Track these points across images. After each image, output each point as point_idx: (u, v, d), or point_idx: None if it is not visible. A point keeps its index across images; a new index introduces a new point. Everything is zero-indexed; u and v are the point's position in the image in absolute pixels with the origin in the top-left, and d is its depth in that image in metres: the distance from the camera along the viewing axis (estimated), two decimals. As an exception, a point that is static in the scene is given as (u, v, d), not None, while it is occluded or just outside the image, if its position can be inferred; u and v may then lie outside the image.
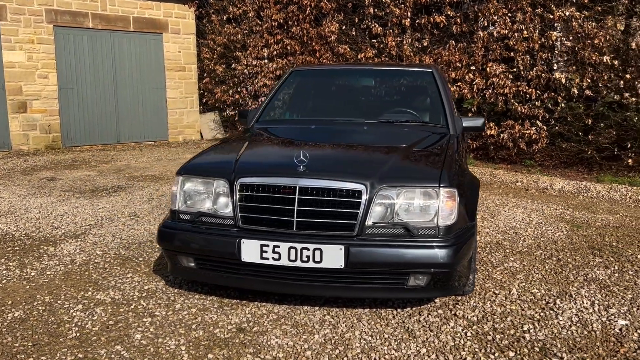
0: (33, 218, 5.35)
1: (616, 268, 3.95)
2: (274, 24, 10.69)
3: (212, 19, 12.10)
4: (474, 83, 8.08)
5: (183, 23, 12.14)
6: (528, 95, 7.70)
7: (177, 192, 3.23)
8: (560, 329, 3.00)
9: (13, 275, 3.83)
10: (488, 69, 7.92)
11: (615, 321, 3.10)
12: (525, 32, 7.57)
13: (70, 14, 10.70)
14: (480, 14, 8.05)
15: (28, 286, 3.64)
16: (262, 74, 11.03)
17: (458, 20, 8.28)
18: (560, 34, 7.27)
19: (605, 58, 6.93)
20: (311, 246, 2.86)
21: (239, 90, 11.70)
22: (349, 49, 9.58)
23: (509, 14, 7.75)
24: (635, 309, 3.26)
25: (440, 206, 2.91)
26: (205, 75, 12.54)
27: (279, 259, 2.90)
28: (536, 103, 7.68)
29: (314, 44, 10.09)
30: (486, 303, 3.34)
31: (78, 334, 2.97)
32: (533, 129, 7.69)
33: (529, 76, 7.65)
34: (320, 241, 2.87)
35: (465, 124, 4.15)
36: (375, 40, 9.32)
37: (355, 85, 4.74)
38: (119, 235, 4.78)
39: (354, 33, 9.60)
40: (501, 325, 3.05)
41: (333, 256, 2.85)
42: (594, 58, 7.03)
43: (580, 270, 3.92)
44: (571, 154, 7.82)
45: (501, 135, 7.96)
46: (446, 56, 8.30)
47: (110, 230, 4.93)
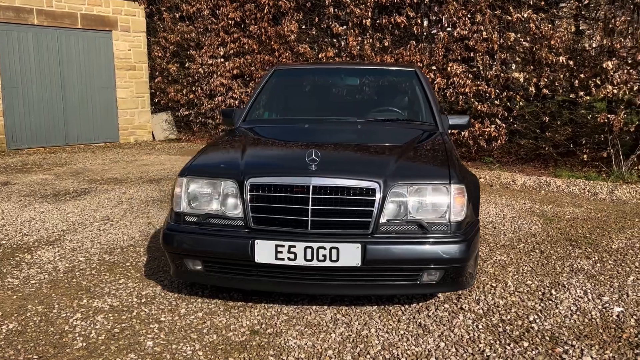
0: (-2, 225, 5.07)
1: (596, 258, 4.15)
2: (230, 22, 10.56)
3: (164, 17, 11.81)
4: (435, 82, 8.27)
5: (133, 20, 11.80)
6: (487, 94, 7.95)
7: (182, 194, 3.14)
8: (563, 318, 3.12)
9: (-5, 285, 3.62)
10: (449, 68, 8.12)
11: (611, 308, 3.25)
12: (484, 33, 7.82)
13: (14, 10, 10.19)
14: (440, 15, 8.24)
15: (15, 296, 3.45)
16: (219, 73, 10.88)
17: (419, 20, 8.45)
18: (519, 35, 7.54)
19: (561, 58, 7.25)
20: (328, 245, 2.85)
21: (193, 89, 11.49)
22: (309, 49, 9.58)
23: (469, 16, 7.97)
24: (625, 296, 3.43)
25: (452, 202, 2.97)
26: (157, 74, 12.23)
27: (294, 259, 2.87)
28: (495, 102, 7.94)
29: (272, 43, 10.04)
30: (487, 296, 3.44)
31: (84, 344, 2.84)
32: (492, 127, 7.95)
33: (489, 76, 7.90)
34: (337, 240, 2.86)
35: (451, 122, 4.25)
36: (335, 40, 9.38)
37: (340, 84, 4.76)
38: (97, 241, 4.60)
39: (314, 32, 9.62)
40: (508, 317, 3.14)
41: (350, 254, 2.85)
42: (550, 58, 7.34)
43: (564, 261, 4.09)
44: (528, 150, 8.14)
45: (462, 133, 8.18)
46: (407, 56, 8.46)
47: (86, 236, 4.73)
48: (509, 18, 7.62)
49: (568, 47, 7.40)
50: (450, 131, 4.55)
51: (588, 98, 7.21)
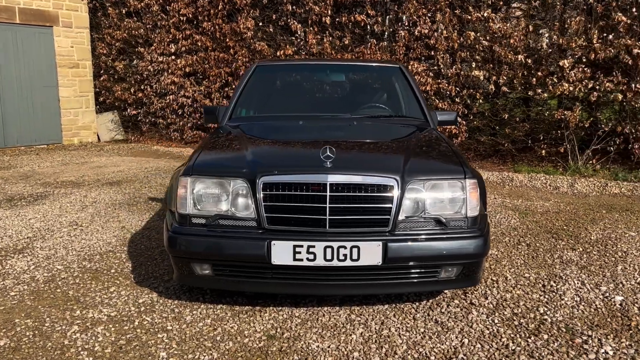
0: (-45, 233, 4.66)
1: (581, 250, 4.27)
2: (182, 18, 10.23)
3: (109, 12, 11.30)
4: (396, 80, 8.31)
5: (75, 16, 11.23)
6: (448, 92, 8.08)
7: (187, 195, 2.96)
8: (572, 309, 3.18)
9: (-29, 299, 3.31)
10: (410, 67, 8.19)
11: (613, 298, 3.34)
12: (445, 32, 7.93)
13: (-54, 2, 9.46)
14: (400, 14, 8.30)
15: (-3, 310, 3.17)
16: (170, 71, 10.53)
17: (379, 19, 8.48)
18: (478, 34, 7.70)
19: (519, 57, 7.46)
20: (348, 244, 2.76)
21: (142, 88, 11.07)
22: (266, 46, 9.43)
23: (429, 15, 8.08)
24: (621, 285, 3.54)
25: (468, 197, 2.96)
26: (102, 72, 11.70)
27: (313, 260, 2.77)
28: (456, 99, 8.09)
29: (227, 40, 9.81)
30: (492, 290, 3.45)
31: (91, 358, 2.63)
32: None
33: (449, 74, 8.03)
34: (357, 238, 2.79)
35: (440, 118, 4.26)
36: (294, 37, 9.27)
37: (326, 81, 4.68)
38: (71, 247, 4.31)
39: (271, 30, 9.47)
40: (519, 310, 3.16)
41: (370, 253, 2.78)
42: (509, 57, 7.53)
43: (552, 253, 4.18)
44: (487, 147, 8.33)
45: (424, 130, 8.27)
46: (368, 54, 8.47)
47: (57, 242, 4.43)
48: (469, 17, 7.77)
49: (526, 46, 7.63)
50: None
51: (545, 95, 7.45)
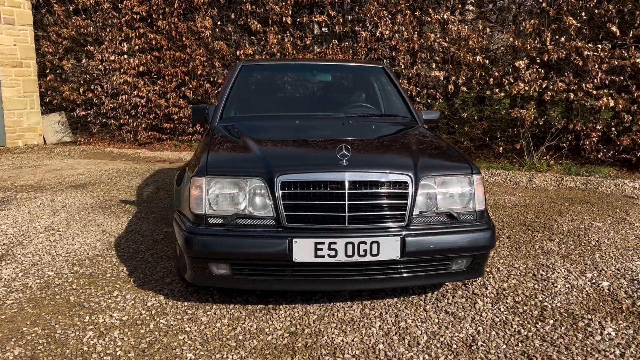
0: None
1: (558, 240, 4.52)
2: (135, 16, 9.98)
3: (55, 9, 10.86)
4: (358, 80, 8.46)
5: (18, 13, 10.73)
6: (409, 92, 8.30)
7: (203, 195, 2.95)
8: (567, 296, 3.38)
9: (-33, 309, 3.15)
10: (371, 67, 8.35)
11: (600, 283, 3.58)
12: (405, 34, 8.14)
13: None
14: (362, 15, 8.45)
15: (-2, 320, 3.04)
16: (122, 71, 10.25)
17: (340, 20, 8.59)
18: (438, 36, 7.95)
19: (477, 58, 7.77)
20: (368, 239, 2.84)
21: (92, 88, 10.71)
22: (225, 46, 9.35)
23: (390, 16, 8.26)
24: (603, 272, 3.79)
25: (475, 192, 3.10)
26: (47, 72, 11.23)
27: (335, 256, 2.83)
28: (417, 99, 8.31)
29: (184, 39, 9.66)
30: (489, 281, 3.62)
31: (117, 364, 2.58)
32: (414, 122, 8.30)
33: (410, 74, 8.25)
34: (376, 234, 2.87)
35: (425, 117, 4.40)
36: (254, 37, 9.25)
37: (313, 80, 4.72)
38: (55, 253, 4.16)
39: (230, 29, 9.40)
40: (520, 298, 3.33)
41: (390, 248, 2.87)
42: (468, 58, 7.83)
43: (533, 244, 4.41)
44: (447, 144, 8.61)
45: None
46: (330, 55, 8.57)
47: (39, 248, 4.26)
48: (429, 19, 8.01)
49: (484, 47, 7.95)
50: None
51: (502, 95, 7.79)
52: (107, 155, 9.67)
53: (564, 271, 3.80)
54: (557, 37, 7.42)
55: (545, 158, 7.79)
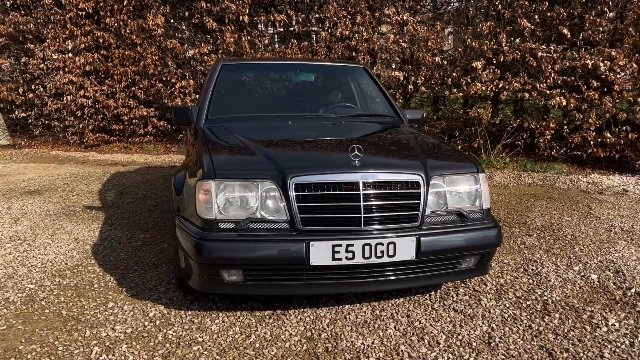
0: None
1: (536, 235, 4.67)
2: (80, 13, 9.51)
3: (-10, 4, 10.21)
4: (318, 80, 8.44)
5: (-52, 7, 10.01)
6: (369, 92, 8.35)
7: (212, 199, 2.83)
8: (563, 289, 3.49)
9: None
10: (331, 67, 8.34)
11: (589, 276, 3.72)
12: (365, 34, 8.19)
13: None
14: (321, 15, 8.43)
15: (-12, 339, 2.80)
16: (67, 70, 9.74)
17: (299, 19, 8.54)
18: (397, 37, 8.05)
19: (436, 58, 7.92)
20: (385, 241, 2.82)
21: (33, 88, 10.12)
22: (179, 44, 9.09)
23: (349, 17, 8.28)
24: (588, 265, 3.94)
25: (482, 190, 3.14)
26: (-18, 70, 10.52)
27: (352, 258, 2.79)
28: (376, 99, 8.37)
29: (134, 37, 9.31)
30: (486, 277, 3.68)
31: (136, 380, 2.44)
32: (375, 122, 8.37)
33: (370, 74, 8.30)
34: (392, 235, 2.85)
35: (410, 116, 4.43)
36: (209, 36, 9.03)
37: (295, 80, 4.65)
38: (30, 264, 3.90)
39: (184, 27, 9.14)
40: (520, 294, 3.41)
41: (405, 248, 2.86)
42: (427, 58, 7.97)
43: (514, 240, 4.53)
44: (406, 144, 8.73)
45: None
46: (290, 54, 8.50)
47: (9, 260, 3.99)
48: (388, 20, 8.09)
49: (442, 48, 8.11)
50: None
51: (460, 94, 7.98)
52: (54, 158, 9.18)
53: (552, 265, 3.92)
54: (512, 39, 7.67)
55: (501, 156, 8.03)
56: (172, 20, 9.26)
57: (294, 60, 5.98)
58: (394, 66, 8.13)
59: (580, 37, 7.45)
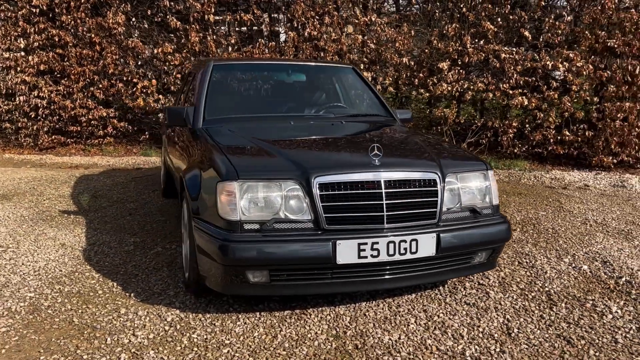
0: None
1: (519, 230, 4.86)
2: (34, 10, 9.12)
3: None
4: (286, 80, 8.43)
5: None
6: (338, 92, 8.42)
7: (236, 200, 2.81)
8: (561, 280, 3.66)
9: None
10: (299, 67, 8.36)
11: (580, 267, 3.91)
12: (333, 35, 8.25)
13: None
14: (289, 15, 8.43)
15: (3, 350, 2.67)
16: (19, 69, 9.32)
17: (266, 19, 8.51)
18: (366, 37, 8.16)
19: (404, 59, 8.09)
20: (408, 238, 2.88)
21: (-19, 88, 9.62)
22: (141, 43, 8.87)
23: (317, 17, 8.32)
24: (576, 256, 4.14)
25: (491, 187, 3.26)
26: None
27: (377, 256, 2.84)
28: (345, 99, 8.45)
29: (93, 36, 9.01)
30: (487, 272, 3.80)
31: (175, 386, 2.39)
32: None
33: (338, 74, 8.36)
34: (414, 232, 2.91)
35: (400, 116, 4.52)
36: (173, 35, 8.86)
37: (287, 81, 4.63)
38: (21, 272, 3.74)
39: (146, 26, 8.93)
40: (522, 286, 3.55)
41: (427, 245, 2.93)
42: (395, 59, 8.12)
43: (501, 235, 4.69)
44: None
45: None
46: (257, 54, 8.45)
47: (-2, 268, 3.80)
48: (356, 21, 8.18)
49: (409, 50, 8.28)
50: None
51: (427, 95, 8.17)
52: (8, 162, 8.76)
53: (544, 258, 4.10)
54: (477, 41, 7.93)
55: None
56: (134, 19, 9.02)
57: (285, 61, 5.97)
58: (362, 67, 8.22)
59: (541, 39, 7.79)
